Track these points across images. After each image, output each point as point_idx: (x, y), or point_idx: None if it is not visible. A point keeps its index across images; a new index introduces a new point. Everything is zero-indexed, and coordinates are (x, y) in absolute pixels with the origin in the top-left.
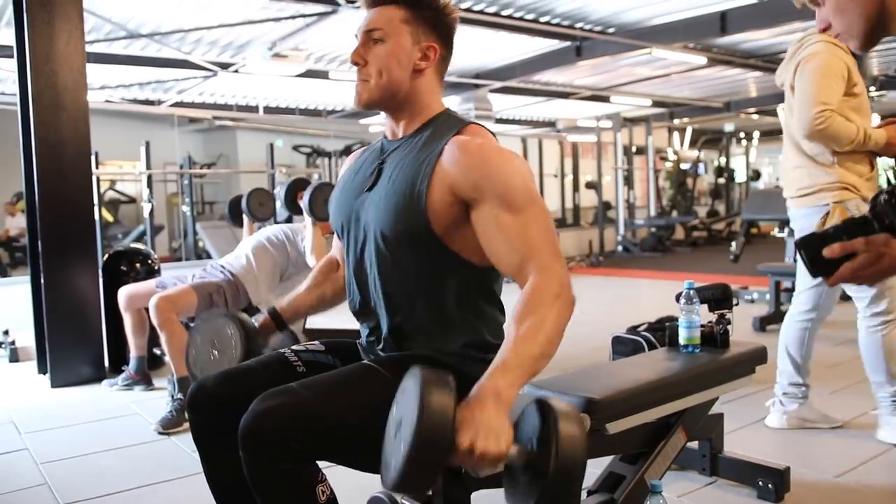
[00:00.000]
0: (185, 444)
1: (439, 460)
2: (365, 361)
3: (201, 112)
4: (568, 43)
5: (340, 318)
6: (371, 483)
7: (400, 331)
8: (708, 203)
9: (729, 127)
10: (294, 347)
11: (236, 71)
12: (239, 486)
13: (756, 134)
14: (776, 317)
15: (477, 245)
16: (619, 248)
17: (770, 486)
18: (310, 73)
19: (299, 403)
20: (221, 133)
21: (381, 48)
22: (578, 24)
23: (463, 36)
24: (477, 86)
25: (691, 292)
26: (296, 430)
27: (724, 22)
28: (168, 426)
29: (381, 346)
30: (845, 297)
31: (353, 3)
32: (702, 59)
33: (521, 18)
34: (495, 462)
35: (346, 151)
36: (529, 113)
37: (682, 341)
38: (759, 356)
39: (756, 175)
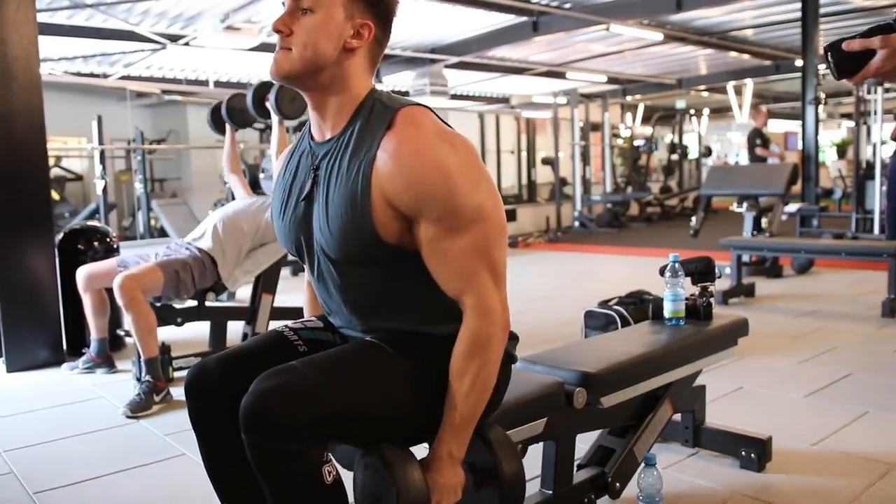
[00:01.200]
0: (156, 428)
1: None
2: (367, 339)
3: (149, 86)
4: (525, 18)
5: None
6: None
7: (376, 329)
8: (661, 179)
9: (680, 104)
10: (291, 325)
11: (187, 44)
12: (241, 473)
13: (706, 111)
14: (738, 290)
15: None
16: (576, 223)
17: (753, 455)
18: (263, 47)
19: (303, 382)
20: (171, 108)
21: (310, 19)
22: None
23: (419, 9)
24: (433, 61)
25: (676, 265)
26: (300, 409)
27: None
28: (137, 409)
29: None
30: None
31: None
32: (658, 36)
33: None
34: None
35: (300, 126)
36: (484, 89)
37: (667, 314)
38: (741, 328)
39: (707, 151)
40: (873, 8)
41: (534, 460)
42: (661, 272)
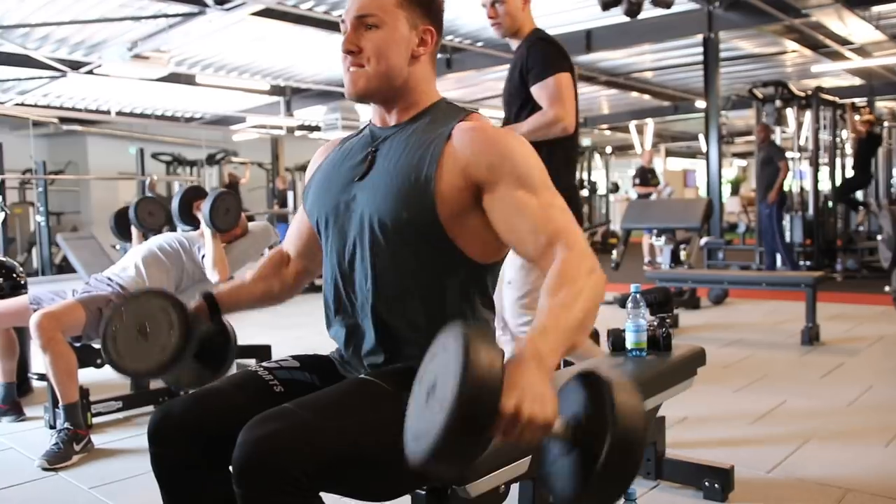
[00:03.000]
0: (79, 480)
1: (485, 424)
2: (361, 376)
3: (46, 115)
4: (439, 55)
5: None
6: None
7: (392, 335)
8: None
9: (586, 142)
10: (266, 365)
11: (90, 72)
12: None
13: (608, 149)
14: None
15: (480, 240)
16: None
17: (716, 485)
18: (172, 77)
19: (301, 427)
20: (69, 138)
21: (377, 34)
22: (448, 37)
23: (333, 43)
24: (345, 95)
25: (638, 296)
26: (301, 457)
27: (589, 40)
28: (56, 460)
29: (367, 354)
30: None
31: (222, 4)
32: None
33: None
34: (543, 431)
35: (210, 160)
36: None
37: (629, 345)
38: (699, 357)
39: (615, 187)
40: (763, 55)
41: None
42: (622, 304)
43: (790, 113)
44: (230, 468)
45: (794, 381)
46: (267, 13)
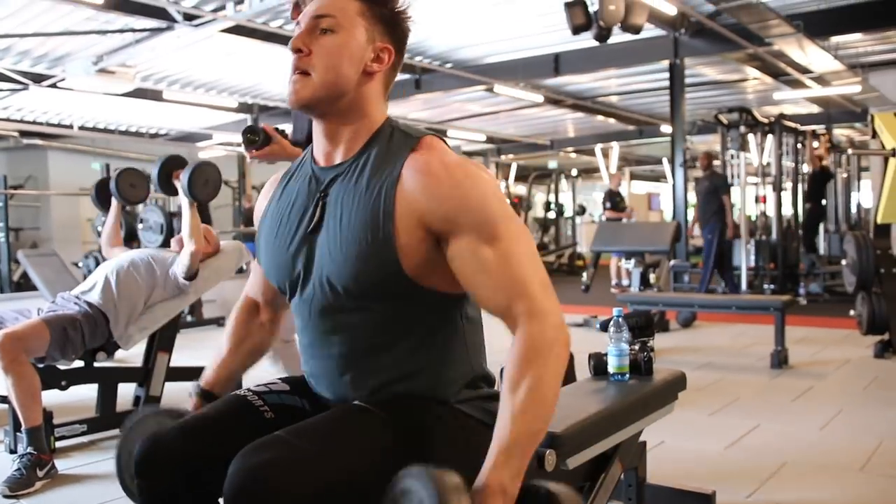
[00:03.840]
0: None
1: None
2: (354, 402)
3: (6, 128)
4: (408, 75)
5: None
6: None
7: (372, 379)
8: (538, 237)
9: (553, 164)
10: (255, 389)
11: (53, 85)
12: None
13: (574, 171)
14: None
15: (450, 275)
16: None
17: None
18: (138, 93)
19: (296, 455)
20: (30, 153)
21: (331, 39)
22: (418, 58)
23: None
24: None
25: (620, 320)
26: (297, 487)
27: (557, 63)
28: (18, 487)
29: (348, 397)
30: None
31: (190, 20)
32: (539, 97)
33: None
34: None
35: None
36: None
37: (611, 369)
38: (680, 382)
39: (582, 210)
40: (726, 82)
41: None
42: (604, 328)
43: (751, 138)
44: (220, 499)
45: (766, 405)
46: (236, 30)
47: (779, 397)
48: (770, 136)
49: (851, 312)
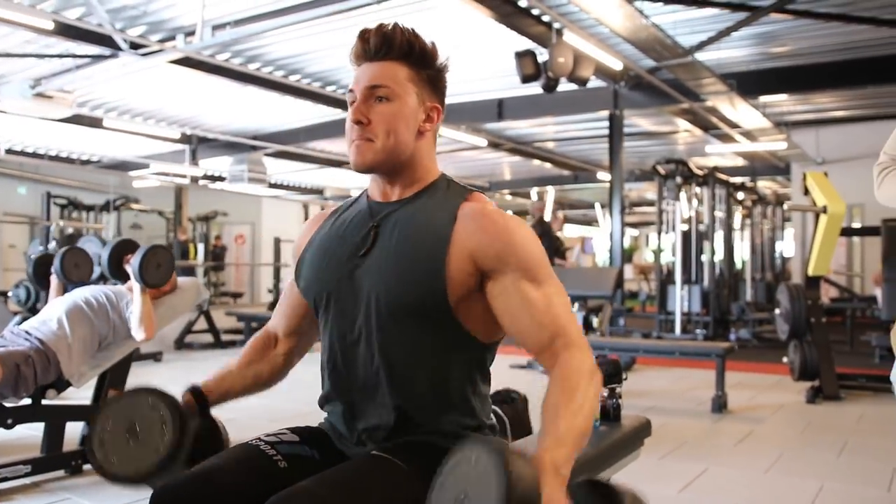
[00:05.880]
0: None
1: None
2: (373, 452)
3: None
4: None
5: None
6: None
7: (397, 411)
8: None
9: None
10: (266, 438)
11: None
12: None
13: (510, 213)
14: None
15: (483, 321)
16: None
17: None
18: (76, 119)
19: None
20: None
21: (388, 107)
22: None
23: (245, 95)
24: (254, 147)
25: None
26: None
27: (501, 108)
28: None
29: (370, 430)
30: None
31: (136, 49)
32: (483, 141)
33: (308, 84)
34: None
35: (106, 206)
36: (301, 179)
37: None
38: (646, 428)
39: None
40: (659, 133)
41: None
42: None
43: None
44: None
45: (711, 449)
46: (184, 61)
47: (722, 441)
48: (704, 187)
49: (784, 359)
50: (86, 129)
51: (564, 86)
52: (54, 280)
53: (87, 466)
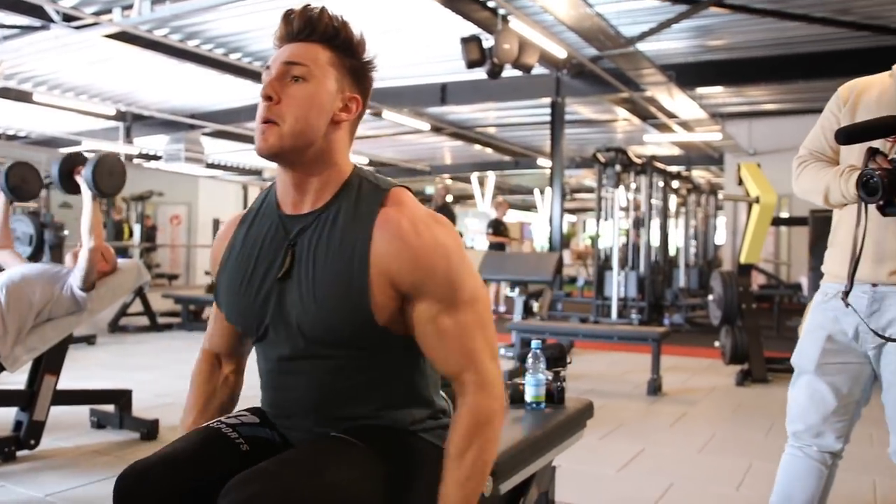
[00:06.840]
0: None
1: None
2: (332, 434)
3: None
4: None
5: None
6: None
7: (347, 420)
8: None
9: (430, 189)
10: (227, 421)
11: None
12: None
13: (450, 198)
14: (522, 371)
15: None
16: None
17: None
18: (2, 92)
19: (284, 486)
20: None
21: (302, 88)
22: None
23: (184, 72)
24: (191, 126)
25: (538, 351)
26: None
27: (444, 93)
28: None
29: (325, 431)
30: None
31: (70, 21)
32: (425, 125)
33: (248, 63)
34: None
35: None
36: (239, 160)
37: (528, 398)
38: (589, 410)
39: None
40: (599, 121)
41: None
42: (522, 359)
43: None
44: None
45: (648, 429)
46: (120, 36)
47: (658, 422)
48: (642, 176)
49: (716, 343)
50: (13, 104)
51: (508, 72)
52: (2, 199)
53: (20, 453)
